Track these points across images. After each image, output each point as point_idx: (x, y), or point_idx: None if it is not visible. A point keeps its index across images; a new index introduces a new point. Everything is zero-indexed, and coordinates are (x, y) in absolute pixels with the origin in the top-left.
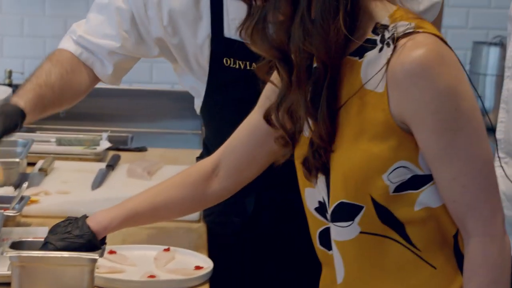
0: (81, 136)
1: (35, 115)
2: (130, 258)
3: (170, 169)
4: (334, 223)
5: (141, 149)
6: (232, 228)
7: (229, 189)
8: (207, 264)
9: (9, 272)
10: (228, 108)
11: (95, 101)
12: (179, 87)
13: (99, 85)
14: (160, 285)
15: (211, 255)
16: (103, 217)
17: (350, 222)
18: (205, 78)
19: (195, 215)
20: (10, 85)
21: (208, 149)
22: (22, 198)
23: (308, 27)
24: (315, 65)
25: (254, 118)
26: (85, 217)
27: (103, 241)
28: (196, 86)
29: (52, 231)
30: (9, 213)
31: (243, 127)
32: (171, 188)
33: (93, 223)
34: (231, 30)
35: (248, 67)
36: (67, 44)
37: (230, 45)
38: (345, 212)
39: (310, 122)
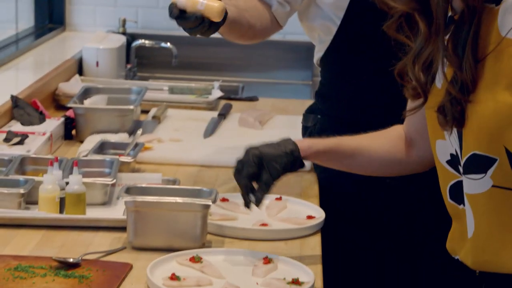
0: (193, 85)
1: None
2: (243, 206)
3: (281, 119)
4: (466, 176)
5: (252, 99)
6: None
7: (422, 161)
8: (319, 214)
9: (124, 217)
10: (361, 45)
11: (207, 50)
12: (291, 37)
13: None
14: (273, 234)
15: (322, 205)
16: (307, 140)
17: (482, 175)
18: (342, 12)
19: (307, 164)
20: (124, 33)
21: (323, 101)
22: (136, 144)
23: None
24: (449, 14)
25: None
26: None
27: (303, 165)
28: (327, 23)
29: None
30: (124, 159)
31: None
32: (377, 137)
33: (297, 142)
34: None
35: None
36: None
37: None
38: (477, 164)
39: (448, 71)
